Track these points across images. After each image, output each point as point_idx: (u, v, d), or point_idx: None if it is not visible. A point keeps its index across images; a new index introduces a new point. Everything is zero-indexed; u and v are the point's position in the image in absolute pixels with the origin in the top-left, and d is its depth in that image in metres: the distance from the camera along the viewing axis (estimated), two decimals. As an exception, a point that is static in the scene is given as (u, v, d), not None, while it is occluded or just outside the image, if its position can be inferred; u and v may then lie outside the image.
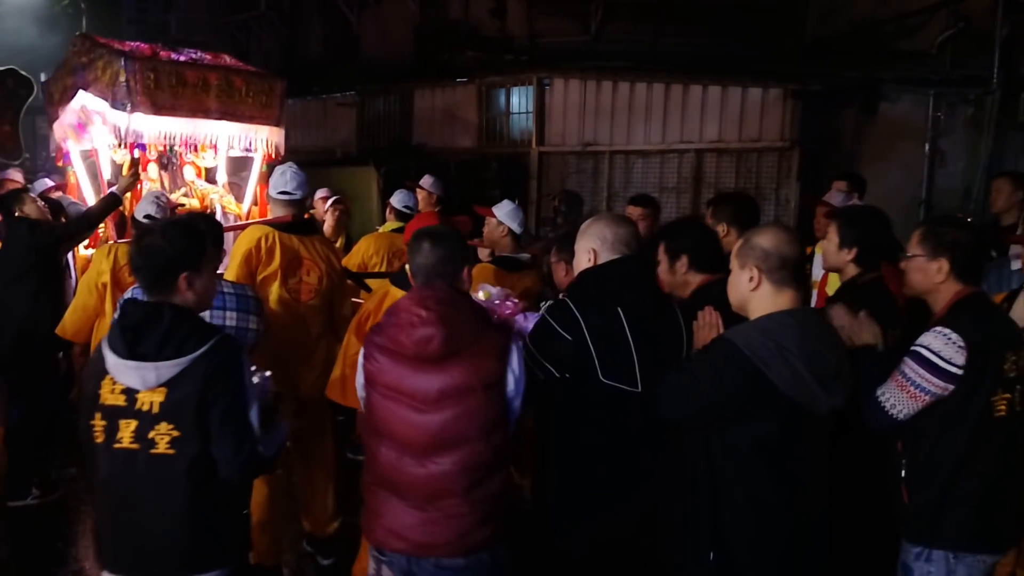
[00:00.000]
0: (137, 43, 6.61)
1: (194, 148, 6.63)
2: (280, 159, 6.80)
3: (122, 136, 6.02)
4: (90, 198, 6.49)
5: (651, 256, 3.48)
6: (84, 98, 6.34)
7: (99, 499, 2.77)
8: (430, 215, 6.38)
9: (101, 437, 2.58)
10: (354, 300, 5.05)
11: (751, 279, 2.65)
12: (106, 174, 6.32)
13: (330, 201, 7.32)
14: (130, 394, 2.52)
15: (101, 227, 6.36)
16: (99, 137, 6.37)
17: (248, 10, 15.55)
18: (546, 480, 3.12)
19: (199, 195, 6.85)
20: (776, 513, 2.60)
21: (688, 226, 3.85)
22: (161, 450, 2.51)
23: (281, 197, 4.46)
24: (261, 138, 6.90)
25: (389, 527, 2.78)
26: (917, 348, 2.77)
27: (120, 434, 2.53)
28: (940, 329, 2.75)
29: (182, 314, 2.59)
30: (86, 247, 6.47)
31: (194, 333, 2.56)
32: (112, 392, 2.55)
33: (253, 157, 7.04)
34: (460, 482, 2.72)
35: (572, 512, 3.02)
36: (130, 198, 6.10)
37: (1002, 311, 3.32)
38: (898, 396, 2.78)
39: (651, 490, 2.94)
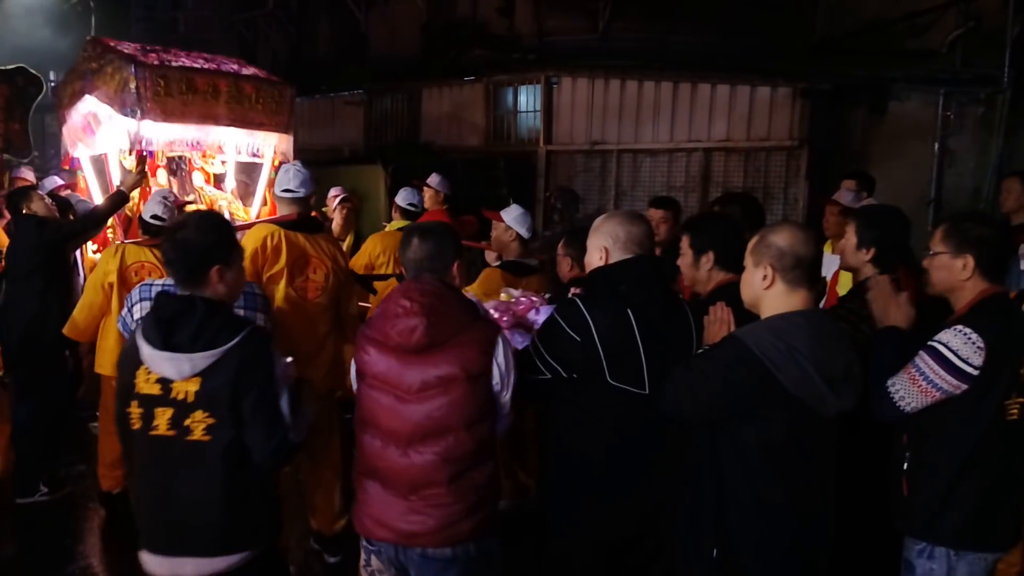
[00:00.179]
0: (147, 46, 6.61)
1: (203, 154, 6.65)
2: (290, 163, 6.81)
3: (131, 142, 6.04)
4: (99, 201, 6.49)
5: (671, 258, 3.45)
6: (92, 103, 6.37)
7: (136, 483, 2.88)
8: (438, 214, 6.40)
9: (138, 424, 2.69)
10: (361, 304, 5.04)
11: (765, 277, 2.64)
12: (115, 178, 6.34)
13: (338, 200, 7.34)
14: (165, 383, 2.63)
15: (109, 229, 6.38)
16: (108, 141, 6.38)
17: (256, 8, 15.55)
18: (550, 480, 3.12)
19: (208, 201, 6.87)
20: (781, 513, 2.59)
21: (716, 222, 3.72)
22: (197, 437, 2.63)
23: (285, 195, 4.46)
24: (270, 145, 6.93)
25: (375, 516, 2.83)
26: (934, 344, 2.75)
27: (156, 421, 2.65)
28: (961, 328, 2.73)
29: (214, 307, 2.70)
30: (95, 252, 6.48)
31: (226, 325, 2.67)
32: (147, 381, 2.66)
33: (262, 163, 7.05)
34: (443, 472, 2.74)
35: (575, 512, 3.02)
36: (138, 198, 6.12)
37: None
38: (908, 389, 2.76)
39: (655, 490, 2.93)
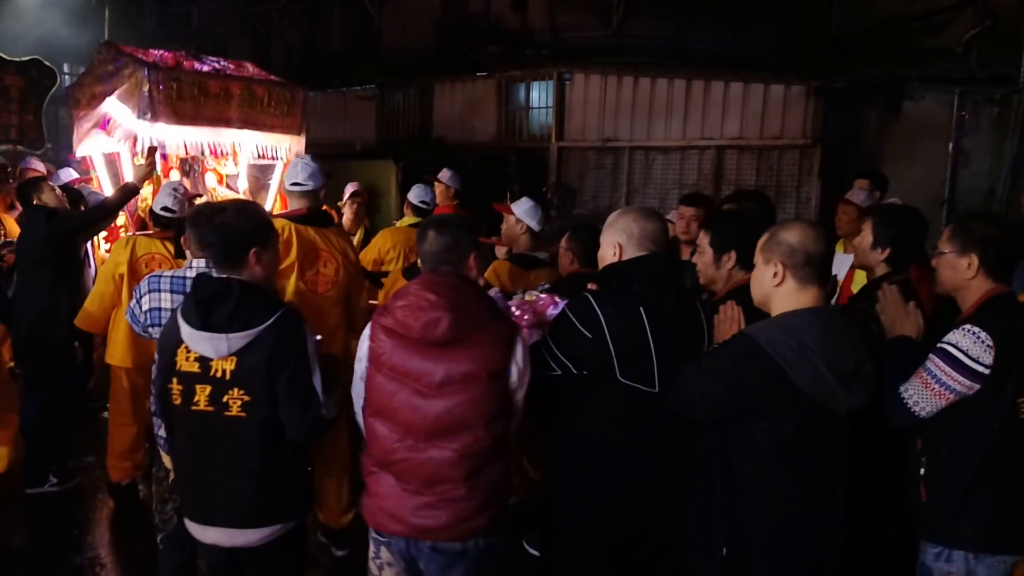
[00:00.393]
0: (161, 52, 6.64)
1: (216, 155, 6.67)
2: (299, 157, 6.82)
3: (144, 145, 6.06)
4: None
5: None
6: (110, 105, 6.39)
7: (179, 456, 3.03)
8: (447, 209, 6.39)
9: (179, 400, 2.82)
10: (371, 302, 5.04)
11: (775, 275, 2.62)
12: (127, 177, 6.35)
13: (347, 194, 7.34)
14: (204, 362, 2.76)
15: (122, 230, 6.40)
16: (121, 140, 6.41)
17: (269, 2, 15.62)
18: (556, 475, 3.10)
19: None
20: (791, 511, 2.58)
21: (739, 220, 3.59)
22: (234, 413, 2.76)
23: (295, 189, 4.45)
24: (283, 147, 6.94)
25: (388, 510, 2.79)
26: (944, 346, 2.73)
27: (196, 397, 2.78)
28: (969, 327, 2.72)
29: (250, 289, 2.80)
30: (106, 239, 6.50)
31: (262, 306, 2.77)
32: (187, 360, 2.78)
33: (275, 164, 7.07)
34: (460, 468, 2.72)
35: (581, 508, 3.01)
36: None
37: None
38: (922, 393, 2.75)
39: (662, 488, 2.91)
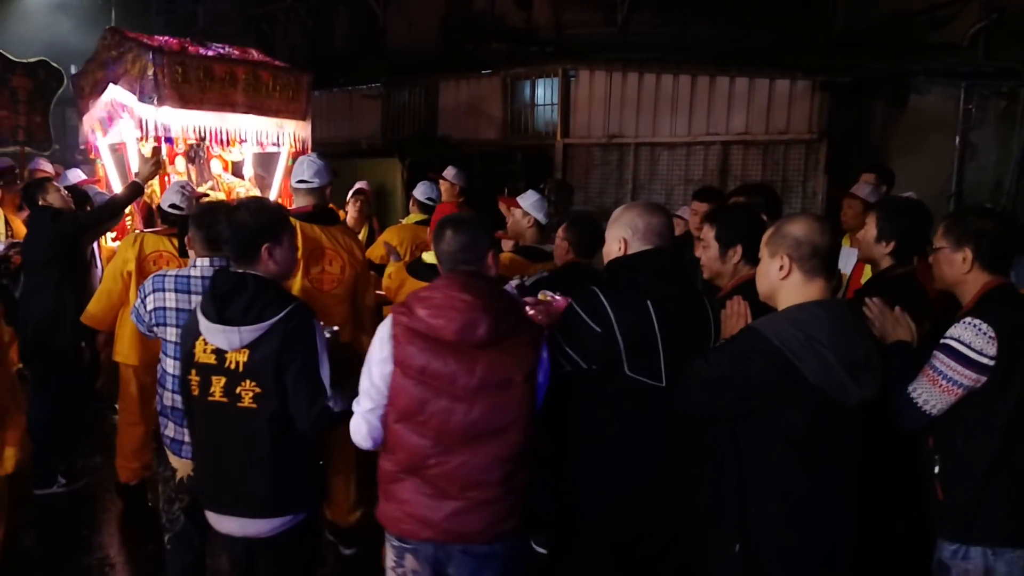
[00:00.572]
0: (166, 37, 6.65)
1: (221, 142, 6.67)
2: (306, 153, 6.83)
3: (149, 129, 6.06)
4: (118, 190, 6.51)
5: None
6: (114, 91, 6.39)
7: (197, 445, 3.13)
8: (451, 206, 6.40)
9: (197, 391, 2.92)
10: (378, 292, 5.06)
11: (781, 268, 2.62)
12: (134, 167, 6.35)
13: (351, 192, 7.35)
14: (219, 354, 2.86)
15: (128, 219, 6.41)
16: (127, 131, 6.42)
17: (275, 2, 15.63)
18: (561, 473, 3.09)
19: (225, 189, 6.88)
20: (803, 505, 2.57)
21: (745, 214, 3.57)
22: (246, 404, 2.85)
23: (300, 186, 4.45)
24: (287, 132, 6.95)
25: (418, 516, 2.70)
26: (947, 341, 2.73)
27: (212, 388, 2.88)
28: (970, 320, 2.71)
29: (264, 283, 2.89)
30: (113, 239, 6.52)
31: (273, 300, 2.86)
32: (204, 352, 2.88)
33: (279, 152, 7.08)
34: (496, 472, 2.67)
35: (586, 505, 2.99)
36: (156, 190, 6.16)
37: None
38: (930, 391, 2.74)
39: (669, 483, 2.90)
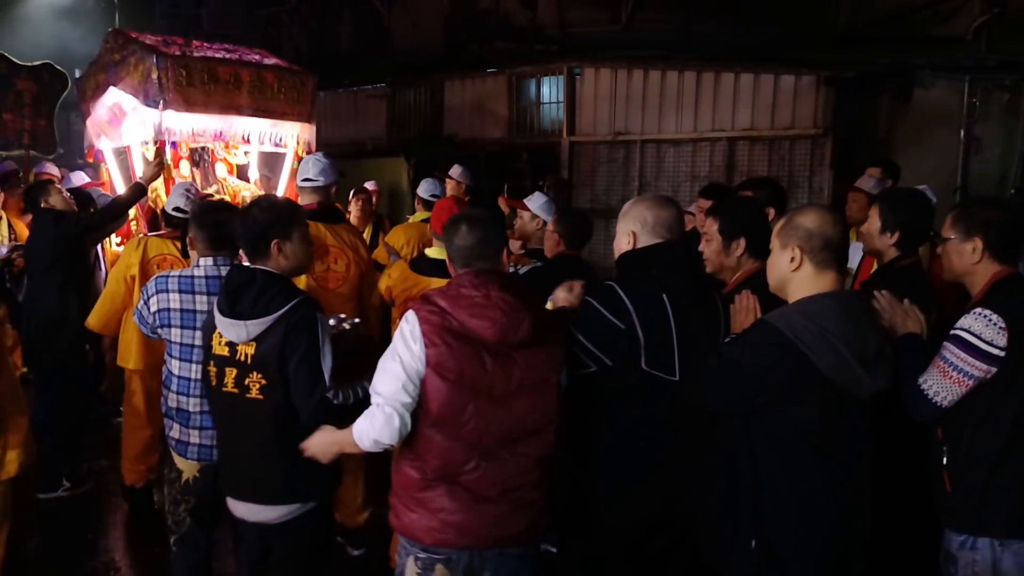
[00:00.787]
0: (169, 36, 6.64)
1: (226, 145, 6.67)
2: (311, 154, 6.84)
3: (154, 132, 6.06)
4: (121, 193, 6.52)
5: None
6: (116, 94, 6.40)
7: (217, 433, 3.28)
8: (450, 200, 6.42)
9: (214, 381, 3.05)
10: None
11: (792, 259, 2.61)
12: (138, 170, 6.36)
13: (353, 191, 7.36)
14: (232, 346, 2.97)
15: (132, 223, 6.42)
16: (131, 133, 6.42)
17: (279, 4, 15.62)
18: (572, 468, 3.08)
19: (231, 192, 6.89)
20: (818, 499, 2.56)
21: (747, 206, 3.57)
22: (253, 395, 2.96)
23: (306, 184, 4.48)
24: (292, 134, 6.96)
25: (457, 524, 2.61)
26: (957, 332, 2.73)
27: (225, 379, 3.00)
28: (979, 311, 2.71)
29: (273, 278, 2.99)
30: (118, 244, 6.53)
31: (280, 294, 2.94)
32: (219, 344, 3.01)
33: (285, 153, 7.08)
34: (535, 473, 2.66)
35: (597, 500, 2.99)
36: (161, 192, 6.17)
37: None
38: (941, 383, 2.73)
39: (682, 478, 2.90)
